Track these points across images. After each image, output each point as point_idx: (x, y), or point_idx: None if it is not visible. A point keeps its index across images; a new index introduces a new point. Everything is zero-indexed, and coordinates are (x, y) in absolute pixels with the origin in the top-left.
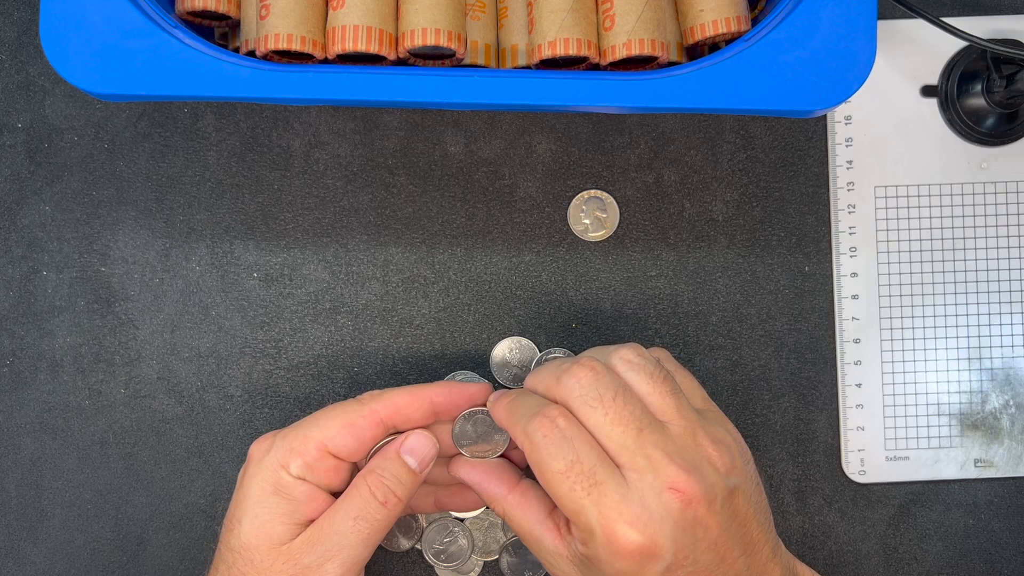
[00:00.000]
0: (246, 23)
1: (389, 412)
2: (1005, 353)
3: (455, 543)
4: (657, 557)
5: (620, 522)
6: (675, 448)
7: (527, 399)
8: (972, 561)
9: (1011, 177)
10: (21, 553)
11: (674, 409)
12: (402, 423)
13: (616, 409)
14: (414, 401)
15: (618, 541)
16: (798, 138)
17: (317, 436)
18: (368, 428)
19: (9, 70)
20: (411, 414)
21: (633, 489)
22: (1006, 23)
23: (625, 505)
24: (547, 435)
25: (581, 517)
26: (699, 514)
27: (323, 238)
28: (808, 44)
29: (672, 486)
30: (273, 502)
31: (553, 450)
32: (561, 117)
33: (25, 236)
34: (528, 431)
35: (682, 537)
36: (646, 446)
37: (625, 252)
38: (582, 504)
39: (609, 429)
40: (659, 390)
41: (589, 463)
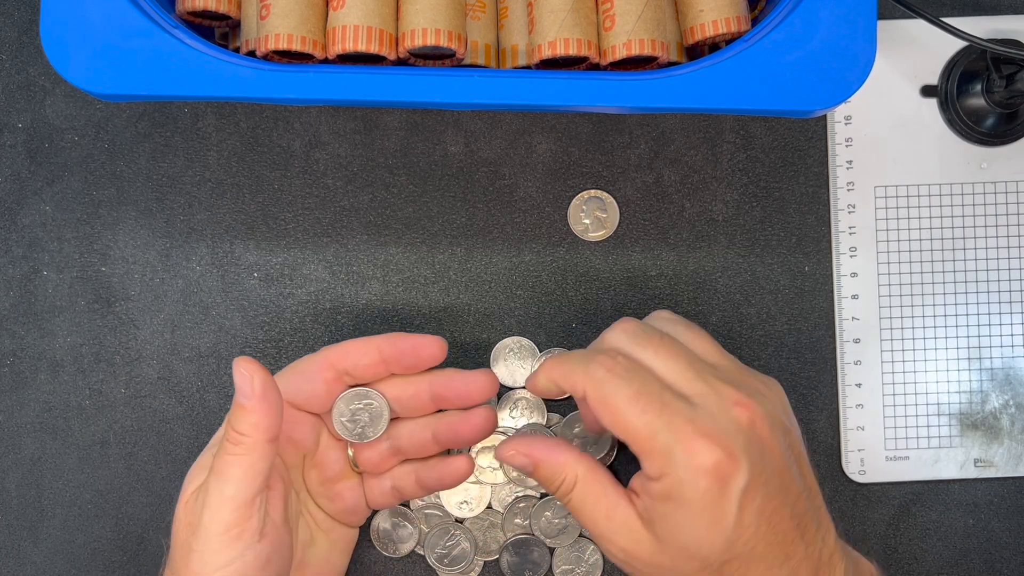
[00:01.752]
0: (246, 23)
1: (339, 356)
2: (1005, 353)
3: (457, 546)
4: (736, 472)
5: (697, 436)
6: (729, 379)
7: (572, 354)
8: (972, 561)
9: (1011, 177)
10: (21, 553)
11: (718, 354)
12: (352, 368)
13: (665, 348)
14: (363, 347)
15: (698, 456)
16: (798, 138)
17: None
18: (318, 371)
19: (9, 70)
20: (359, 359)
21: (701, 409)
22: (1006, 23)
23: (699, 421)
24: (610, 369)
25: (656, 440)
26: (764, 434)
27: (323, 238)
28: (808, 44)
29: (737, 403)
30: (205, 457)
31: (618, 381)
32: (561, 117)
33: (25, 236)
34: (589, 371)
35: (754, 452)
36: (703, 374)
37: (625, 252)
38: (656, 427)
39: (663, 364)
40: (701, 339)
41: (656, 388)
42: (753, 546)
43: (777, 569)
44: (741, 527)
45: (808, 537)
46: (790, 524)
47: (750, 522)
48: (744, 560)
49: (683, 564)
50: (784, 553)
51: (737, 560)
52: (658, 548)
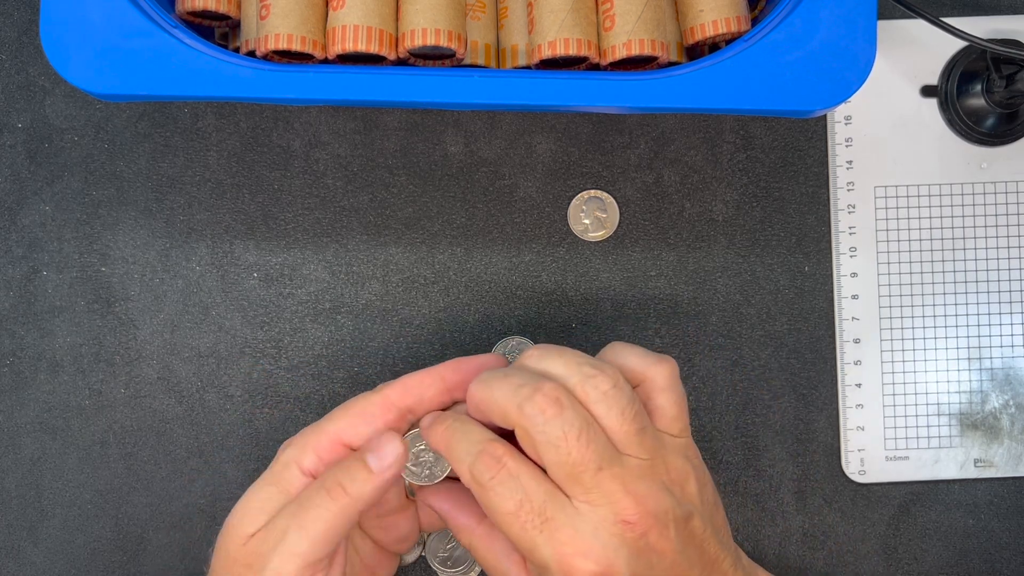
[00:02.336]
0: (246, 23)
1: (400, 394)
2: (1005, 353)
3: (459, 547)
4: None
5: (575, 555)
6: (631, 479)
7: (468, 431)
8: (972, 561)
9: (1011, 177)
10: (21, 553)
11: (636, 443)
12: (416, 404)
13: (579, 449)
14: (425, 378)
15: (574, 574)
16: (798, 138)
17: (331, 429)
18: (380, 414)
19: (9, 70)
20: (423, 392)
21: (586, 521)
22: (1006, 23)
23: (579, 538)
24: (494, 475)
25: (536, 554)
26: (652, 541)
27: (323, 238)
28: (808, 44)
29: (625, 518)
30: (265, 493)
31: (501, 490)
32: (561, 117)
33: (25, 236)
34: (475, 472)
35: (637, 563)
36: (603, 481)
37: (625, 252)
38: (535, 542)
39: (569, 468)
40: (626, 427)
41: (539, 500)
42: None
43: None
44: None
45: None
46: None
47: None
48: None
49: None
50: None
51: None
52: None
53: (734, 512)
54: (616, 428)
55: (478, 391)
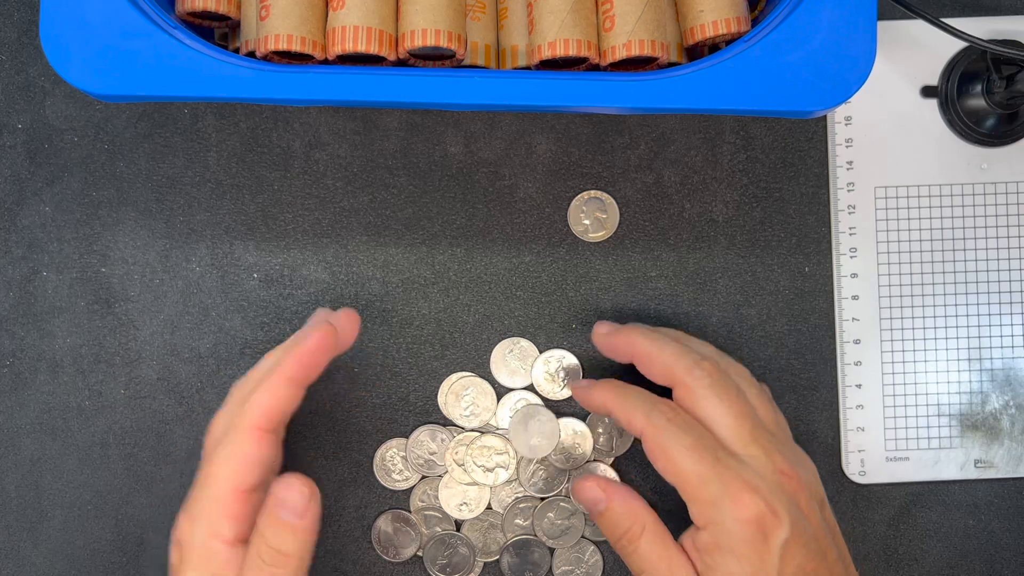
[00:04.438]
0: (246, 24)
1: (266, 417)
2: (1005, 353)
3: (456, 554)
4: (779, 526)
5: (744, 489)
6: (779, 444)
7: (635, 389)
8: (972, 562)
9: (1011, 178)
10: (21, 554)
11: (775, 423)
12: (283, 416)
13: (737, 405)
14: (278, 390)
15: (744, 507)
16: (798, 138)
17: (224, 487)
18: (259, 448)
19: (9, 71)
20: (285, 405)
21: (749, 467)
22: (1006, 24)
23: (746, 477)
24: (671, 419)
25: (707, 489)
26: (803, 505)
27: (323, 239)
28: (808, 45)
29: (783, 471)
30: None
31: (677, 431)
32: (561, 118)
33: (25, 237)
34: (651, 416)
35: (795, 514)
36: (759, 439)
37: (625, 253)
38: (707, 477)
39: (730, 420)
40: (765, 406)
41: (711, 443)
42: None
43: None
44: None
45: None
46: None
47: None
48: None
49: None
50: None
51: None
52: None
53: None
54: (758, 404)
55: (645, 345)
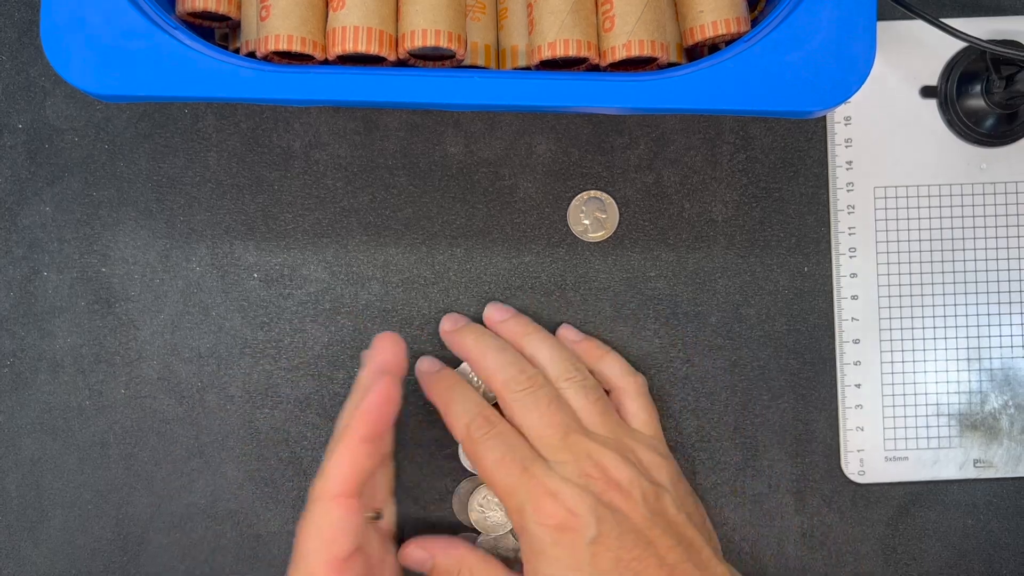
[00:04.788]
0: (246, 24)
1: (345, 484)
2: (1005, 353)
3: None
4: (580, 526)
5: (545, 495)
6: (595, 447)
7: (467, 396)
8: (971, 561)
9: (1010, 178)
10: (21, 553)
11: (600, 422)
12: (364, 477)
13: (549, 415)
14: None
15: (544, 511)
16: (798, 139)
17: (315, 563)
18: (346, 515)
19: (10, 71)
20: (363, 468)
21: (556, 473)
22: (1006, 24)
23: (550, 483)
24: (487, 432)
25: (514, 498)
26: (616, 501)
27: (323, 238)
28: (807, 45)
29: (589, 473)
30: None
31: (491, 444)
32: (561, 118)
33: (26, 237)
34: (471, 428)
35: (603, 514)
36: (572, 444)
37: (625, 252)
38: (515, 486)
39: (541, 430)
40: (590, 407)
41: (521, 454)
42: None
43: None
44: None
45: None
46: (660, 572)
47: (608, 569)
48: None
49: None
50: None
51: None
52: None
53: (733, 512)
54: (581, 406)
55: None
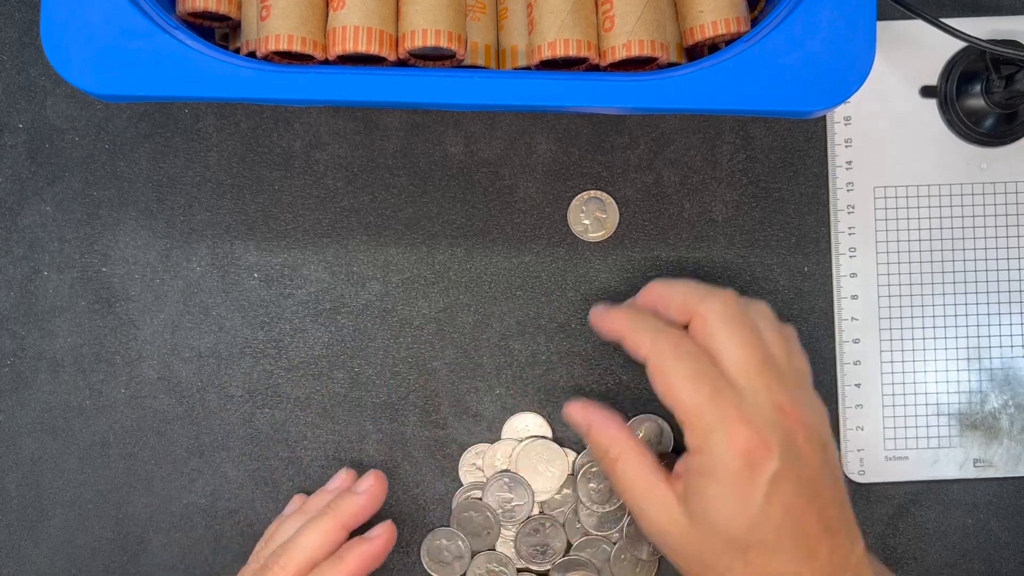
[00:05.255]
0: (247, 24)
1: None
2: (1005, 353)
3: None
4: (768, 460)
5: (738, 421)
6: (788, 382)
7: (647, 316)
8: (971, 561)
9: (1010, 177)
10: (21, 553)
11: (789, 366)
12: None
13: (749, 338)
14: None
15: (736, 437)
16: (798, 139)
17: None
18: None
19: (10, 71)
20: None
21: (749, 401)
22: (1005, 24)
23: (743, 409)
24: (676, 346)
25: (701, 418)
26: (800, 441)
27: (323, 238)
28: (807, 45)
29: (781, 407)
30: None
31: (682, 359)
32: (561, 118)
33: (26, 236)
34: (656, 340)
35: (788, 450)
36: (764, 374)
37: (625, 252)
38: (705, 407)
39: (737, 352)
40: (784, 347)
41: (712, 375)
42: (777, 536)
43: (800, 565)
44: (767, 514)
45: (836, 543)
46: (817, 527)
47: (776, 512)
48: (767, 549)
49: (710, 541)
50: (808, 551)
51: (760, 546)
52: (689, 524)
53: None
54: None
55: (661, 288)
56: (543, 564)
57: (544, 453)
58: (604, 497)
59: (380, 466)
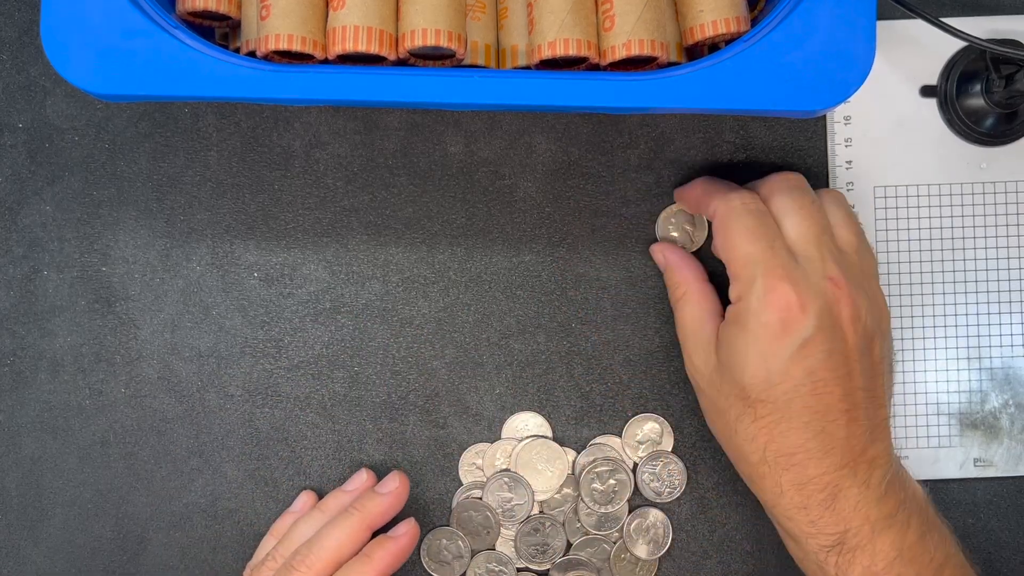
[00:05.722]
0: (247, 24)
1: (336, 560)
2: (1005, 353)
3: None
4: (802, 323)
5: (783, 279)
6: (843, 265)
7: (724, 182)
8: (971, 560)
9: (1010, 177)
10: (21, 553)
11: (854, 250)
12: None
13: (810, 208)
14: (355, 535)
15: (775, 291)
16: (798, 138)
17: None
18: None
19: (10, 70)
20: (356, 550)
21: (800, 266)
22: (1005, 23)
23: (790, 269)
24: (745, 203)
25: (749, 268)
26: (843, 318)
27: (323, 238)
28: (807, 44)
29: (832, 278)
30: None
31: (746, 215)
32: (561, 117)
33: (26, 236)
34: (728, 198)
35: (826, 320)
36: (821, 246)
37: (625, 252)
38: (755, 257)
39: (798, 219)
40: (850, 230)
41: (772, 233)
42: (791, 399)
43: (808, 437)
44: (786, 375)
45: (854, 428)
46: (839, 405)
47: (796, 375)
48: (778, 409)
49: (727, 387)
50: (821, 426)
51: (771, 404)
52: (716, 367)
53: (735, 511)
54: (840, 222)
55: (701, 183)
56: (543, 564)
57: (544, 453)
58: (606, 497)
59: (380, 466)
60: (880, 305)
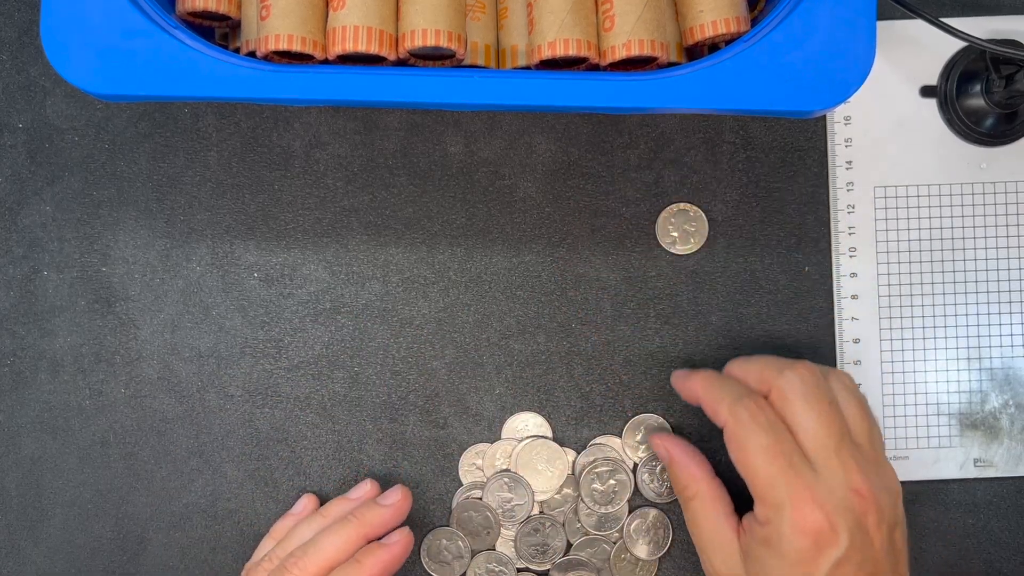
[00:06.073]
0: (246, 24)
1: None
2: (1005, 353)
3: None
4: (834, 544)
5: (810, 502)
6: (864, 462)
7: (727, 381)
8: (971, 560)
9: (1010, 177)
10: (21, 553)
11: (868, 439)
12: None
13: (828, 414)
14: (350, 544)
15: (805, 518)
16: (798, 138)
17: None
18: None
19: (10, 70)
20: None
21: (823, 481)
22: (1005, 23)
23: (815, 489)
24: (754, 415)
25: (773, 492)
26: (869, 524)
27: (323, 238)
28: (807, 44)
29: (856, 490)
30: None
31: (758, 429)
32: (561, 117)
33: (26, 236)
34: (734, 409)
35: (857, 535)
36: (842, 452)
37: (625, 253)
38: (777, 480)
39: (816, 428)
40: (863, 420)
41: (788, 448)
42: None
43: None
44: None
45: None
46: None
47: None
48: None
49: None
50: None
51: None
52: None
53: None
54: (854, 415)
55: (739, 364)
56: (543, 564)
57: (544, 453)
58: (606, 498)
59: (380, 466)
60: (893, 486)
